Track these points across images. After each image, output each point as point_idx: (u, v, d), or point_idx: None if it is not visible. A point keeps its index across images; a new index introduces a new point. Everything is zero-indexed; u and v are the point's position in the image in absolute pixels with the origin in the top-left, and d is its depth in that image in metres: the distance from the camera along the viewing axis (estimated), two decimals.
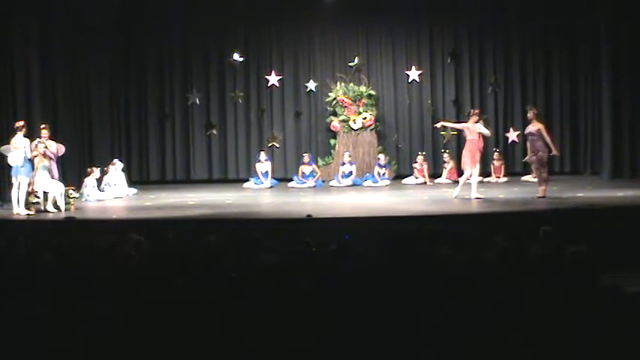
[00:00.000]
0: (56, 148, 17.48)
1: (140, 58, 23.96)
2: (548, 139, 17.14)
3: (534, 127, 17.20)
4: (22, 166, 16.15)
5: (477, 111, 18.68)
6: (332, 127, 23.72)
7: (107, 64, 23.06)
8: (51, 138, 17.47)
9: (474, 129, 17.73)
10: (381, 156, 22.85)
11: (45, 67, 19.67)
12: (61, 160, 17.86)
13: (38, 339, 5.37)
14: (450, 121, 21.60)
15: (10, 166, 16.30)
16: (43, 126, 17.54)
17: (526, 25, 23.86)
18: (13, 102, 18.30)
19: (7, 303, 5.86)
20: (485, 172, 21.19)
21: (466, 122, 18.34)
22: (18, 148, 16.20)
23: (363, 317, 5.63)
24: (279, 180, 22.90)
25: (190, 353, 5.42)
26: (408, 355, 5.33)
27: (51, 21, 19.91)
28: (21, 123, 16.51)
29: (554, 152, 17.61)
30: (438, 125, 20.04)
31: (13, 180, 16.25)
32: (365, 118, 23.42)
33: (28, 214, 16.09)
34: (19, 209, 16.09)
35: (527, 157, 18.91)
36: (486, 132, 18.43)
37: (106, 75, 23.01)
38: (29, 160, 16.33)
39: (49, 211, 16.56)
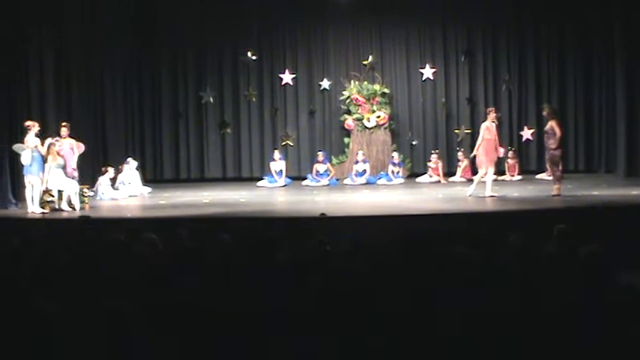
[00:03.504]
0: (76, 146, 17.59)
1: (154, 56, 24.01)
2: (558, 134, 17.03)
3: (548, 124, 17.18)
4: (30, 165, 16.21)
5: (493, 109, 18.60)
6: (346, 126, 23.74)
7: (121, 62, 23.13)
8: (70, 136, 17.58)
9: (492, 128, 17.67)
10: (395, 154, 22.84)
11: (59, 66, 19.73)
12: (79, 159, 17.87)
13: (53, 337, 5.38)
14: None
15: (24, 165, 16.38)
16: (64, 124, 17.64)
17: (540, 22, 23.82)
18: (27, 101, 18.34)
19: (22, 302, 5.87)
20: (499, 171, 21.14)
21: (484, 122, 18.19)
22: (29, 147, 16.27)
23: (378, 317, 5.62)
24: (293, 178, 22.90)
25: (202, 353, 5.43)
26: (423, 355, 5.32)
27: (65, 21, 19.95)
28: (30, 123, 16.57)
29: (552, 146, 17.31)
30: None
31: (25, 179, 16.34)
32: (379, 117, 23.42)
33: (43, 213, 16.13)
34: (33, 208, 16.15)
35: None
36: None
37: (120, 74, 23.09)
38: (41, 159, 16.38)
39: (63, 210, 16.58)
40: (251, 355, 5.41)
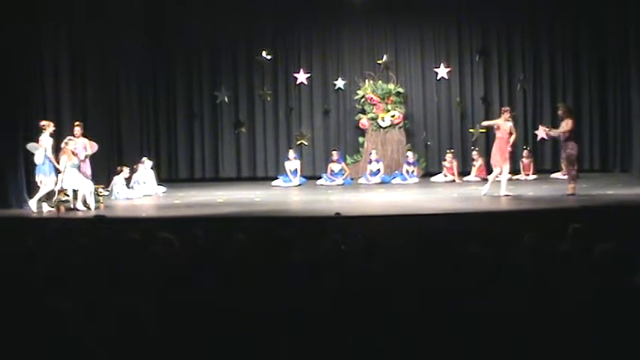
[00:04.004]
0: (89, 146, 17.67)
1: (169, 56, 24.06)
2: (569, 127, 16.91)
3: (564, 123, 17.12)
4: (42, 164, 16.34)
5: (507, 108, 18.58)
6: (360, 125, 23.75)
7: (136, 63, 23.16)
8: (84, 135, 17.65)
9: (504, 127, 17.65)
10: (410, 154, 22.84)
11: (74, 66, 19.76)
12: (91, 158, 17.92)
13: (68, 337, 5.39)
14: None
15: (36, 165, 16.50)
16: (77, 123, 17.71)
17: (555, 22, 23.78)
18: (42, 101, 18.38)
19: (37, 301, 5.89)
20: (514, 170, 21.11)
21: (497, 119, 18.25)
22: (42, 146, 16.37)
23: (393, 317, 5.62)
24: (308, 178, 22.92)
25: (217, 352, 5.43)
26: (437, 355, 5.32)
27: (80, 20, 19.98)
28: (45, 122, 16.65)
29: (553, 133, 17.59)
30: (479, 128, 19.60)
31: (37, 178, 16.44)
32: (393, 116, 23.42)
33: (36, 211, 16.23)
34: (37, 207, 16.28)
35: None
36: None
37: (134, 74, 23.12)
38: (49, 160, 16.46)
39: (78, 210, 16.65)
40: (266, 355, 5.41)
